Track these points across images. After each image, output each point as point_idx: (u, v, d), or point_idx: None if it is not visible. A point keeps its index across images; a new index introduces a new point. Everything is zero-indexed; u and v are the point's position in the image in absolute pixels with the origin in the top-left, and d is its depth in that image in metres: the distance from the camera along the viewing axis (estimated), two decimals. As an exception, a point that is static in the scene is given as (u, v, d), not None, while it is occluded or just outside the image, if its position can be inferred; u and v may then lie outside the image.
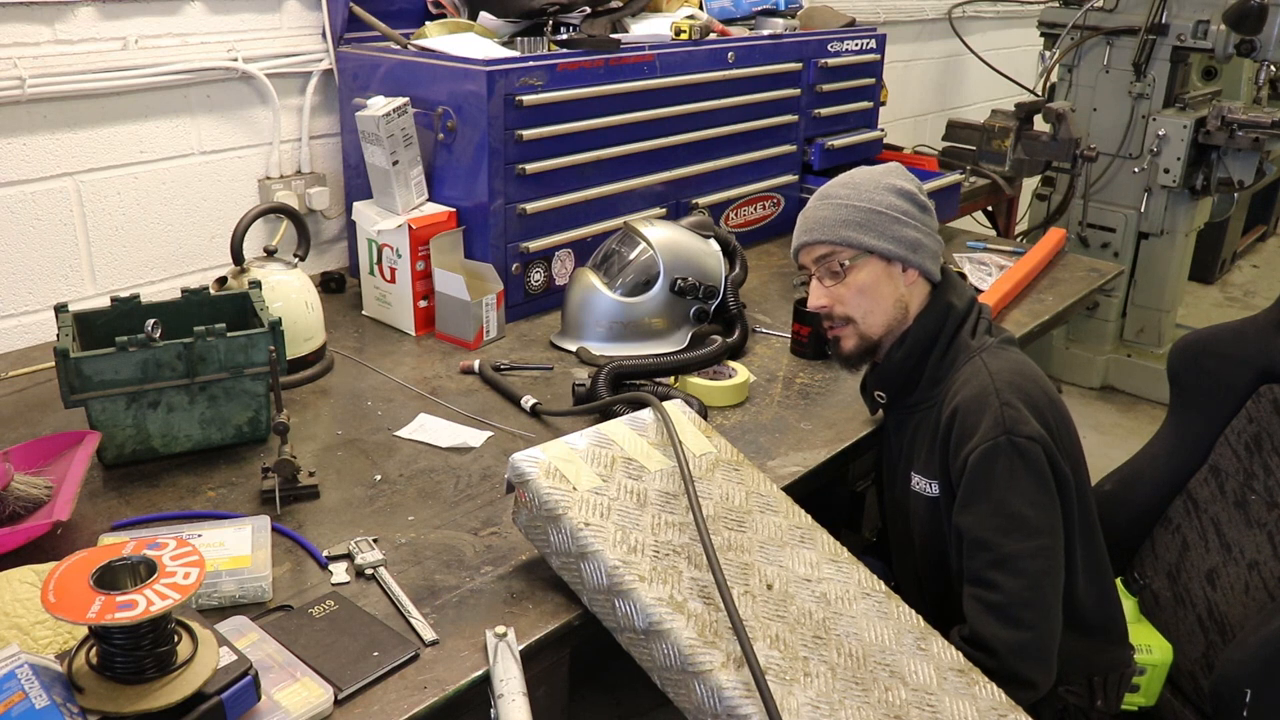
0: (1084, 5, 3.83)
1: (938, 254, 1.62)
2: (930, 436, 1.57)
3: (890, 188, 1.59)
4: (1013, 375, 1.51)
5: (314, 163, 2.34)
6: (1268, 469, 1.75)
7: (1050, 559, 1.46)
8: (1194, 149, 3.72)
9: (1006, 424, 1.45)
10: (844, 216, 1.58)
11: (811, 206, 1.63)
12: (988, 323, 1.63)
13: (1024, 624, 1.42)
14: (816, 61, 2.73)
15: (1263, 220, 6.14)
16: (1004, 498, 1.45)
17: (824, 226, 1.59)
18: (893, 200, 1.58)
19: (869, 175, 1.62)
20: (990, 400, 1.48)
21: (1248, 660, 1.62)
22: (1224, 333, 1.85)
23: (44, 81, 1.84)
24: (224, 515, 1.43)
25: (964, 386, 1.52)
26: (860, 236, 1.57)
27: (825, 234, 1.58)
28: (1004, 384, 1.49)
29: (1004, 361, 1.54)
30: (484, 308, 2.02)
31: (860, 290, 1.59)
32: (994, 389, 1.49)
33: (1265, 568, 1.73)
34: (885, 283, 1.59)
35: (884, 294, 1.59)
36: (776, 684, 1.14)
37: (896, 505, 1.70)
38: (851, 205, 1.58)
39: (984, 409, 1.47)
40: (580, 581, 1.26)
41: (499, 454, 1.64)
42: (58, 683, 0.98)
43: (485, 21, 2.35)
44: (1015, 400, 1.48)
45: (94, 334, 1.60)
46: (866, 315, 1.60)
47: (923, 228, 1.60)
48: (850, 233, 1.57)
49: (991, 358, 1.55)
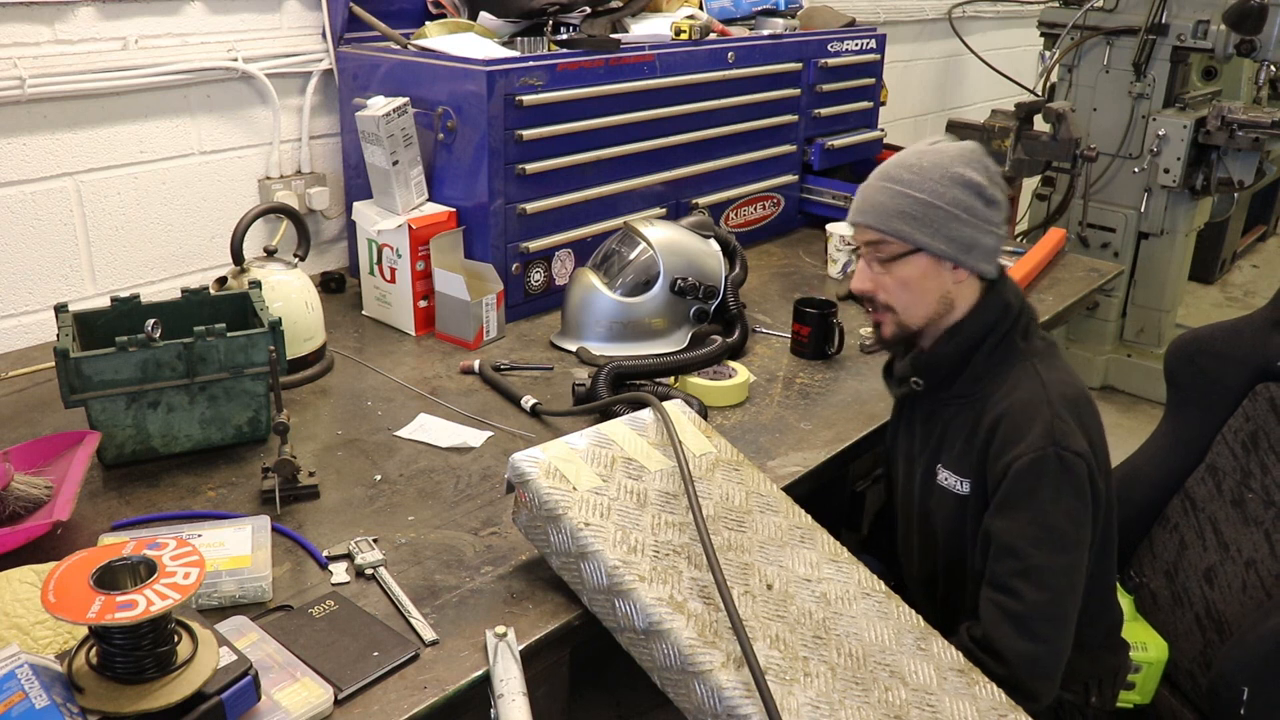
0: (1084, 5, 3.83)
1: (996, 251, 1.53)
2: (967, 434, 1.53)
3: (956, 179, 1.49)
4: (1065, 388, 1.48)
5: (314, 163, 2.34)
6: (1264, 467, 1.75)
7: (1075, 577, 1.44)
8: (1194, 149, 3.72)
9: (1056, 436, 1.42)
10: (900, 206, 1.49)
11: (871, 184, 1.54)
12: (1035, 326, 1.58)
13: (1040, 637, 1.41)
14: (816, 61, 2.73)
15: (1263, 220, 6.14)
16: (1044, 509, 1.42)
17: (878, 212, 1.51)
18: (955, 194, 1.48)
19: (938, 160, 1.51)
20: (1042, 410, 1.44)
21: (1245, 658, 1.62)
22: (1220, 331, 1.85)
23: (44, 81, 1.84)
24: (224, 515, 1.43)
25: (1015, 390, 1.49)
26: (912, 231, 1.49)
27: (877, 220, 1.51)
28: (1057, 395, 1.46)
29: (1058, 373, 1.50)
30: (484, 308, 2.02)
31: (904, 283, 1.53)
32: (1047, 400, 1.45)
33: (1262, 566, 1.73)
34: (932, 279, 1.52)
35: (928, 290, 1.52)
36: (776, 684, 1.15)
37: (912, 498, 1.66)
38: (910, 195, 1.49)
39: (1035, 418, 1.44)
40: (580, 581, 1.26)
41: (499, 454, 1.64)
42: (58, 683, 0.98)
43: (485, 21, 2.35)
44: (1066, 414, 1.44)
45: (94, 334, 1.60)
46: (907, 308, 1.54)
47: (984, 225, 1.50)
48: (903, 225, 1.49)
49: (1046, 367, 1.51)
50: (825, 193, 2.81)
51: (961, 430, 1.55)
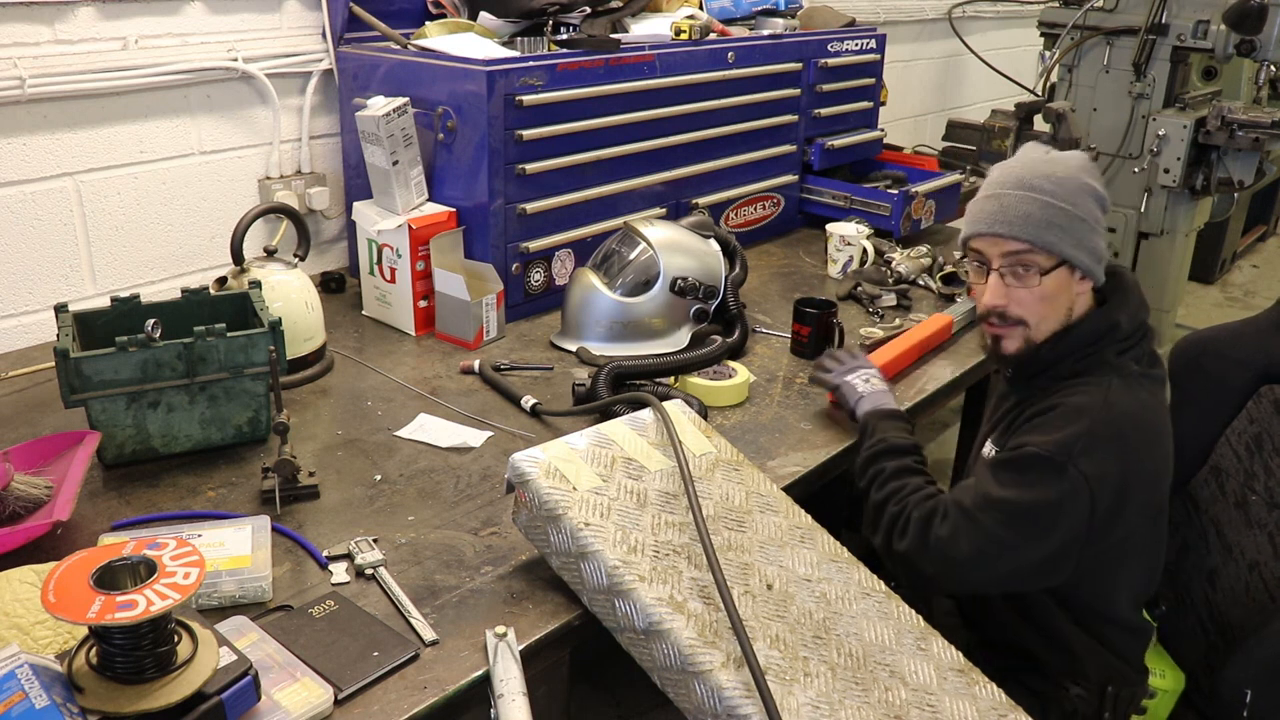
0: (1084, 5, 3.83)
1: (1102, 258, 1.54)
2: (1023, 422, 1.54)
3: (1090, 191, 1.50)
4: (1127, 411, 1.46)
5: (314, 163, 2.34)
6: (1269, 470, 1.75)
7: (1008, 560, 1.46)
8: (1194, 149, 3.71)
9: (1074, 450, 1.42)
10: (1049, 217, 1.47)
11: (1011, 195, 1.50)
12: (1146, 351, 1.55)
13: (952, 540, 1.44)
14: (816, 61, 2.73)
15: (1263, 220, 6.14)
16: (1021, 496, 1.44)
17: (1028, 224, 1.48)
18: (1091, 207, 1.50)
19: (1070, 171, 1.50)
20: (1083, 420, 1.44)
21: (1248, 661, 1.62)
22: (1224, 333, 1.85)
23: (44, 81, 1.84)
24: (224, 515, 1.43)
25: (1075, 394, 1.49)
26: (1061, 244, 1.48)
27: (1029, 233, 1.48)
28: (1112, 415, 1.45)
29: (1131, 396, 1.49)
30: (484, 308, 2.02)
31: (1044, 297, 1.51)
32: (1097, 414, 1.44)
33: (1266, 568, 1.73)
34: (1066, 291, 1.52)
35: (1061, 302, 1.52)
36: (776, 684, 1.14)
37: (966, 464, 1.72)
38: (1057, 206, 1.47)
39: (1071, 423, 1.44)
40: (580, 581, 1.26)
41: (499, 454, 1.64)
42: (58, 683, 0.98)
43: (485, 21, 2.35)
44: (1105, 436, 1.43)
45: (94, 334, 1.60)
46: (1041, 321, 1.52)
47: (1104, 234, 1.52)
48: (1053, 237, 1.47)
49: (1123, 387, 1.49)
50: (825, 193, 2.81)
51: (1020, 415, 1.57)
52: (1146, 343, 1.56)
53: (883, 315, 2.27)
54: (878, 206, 2.69)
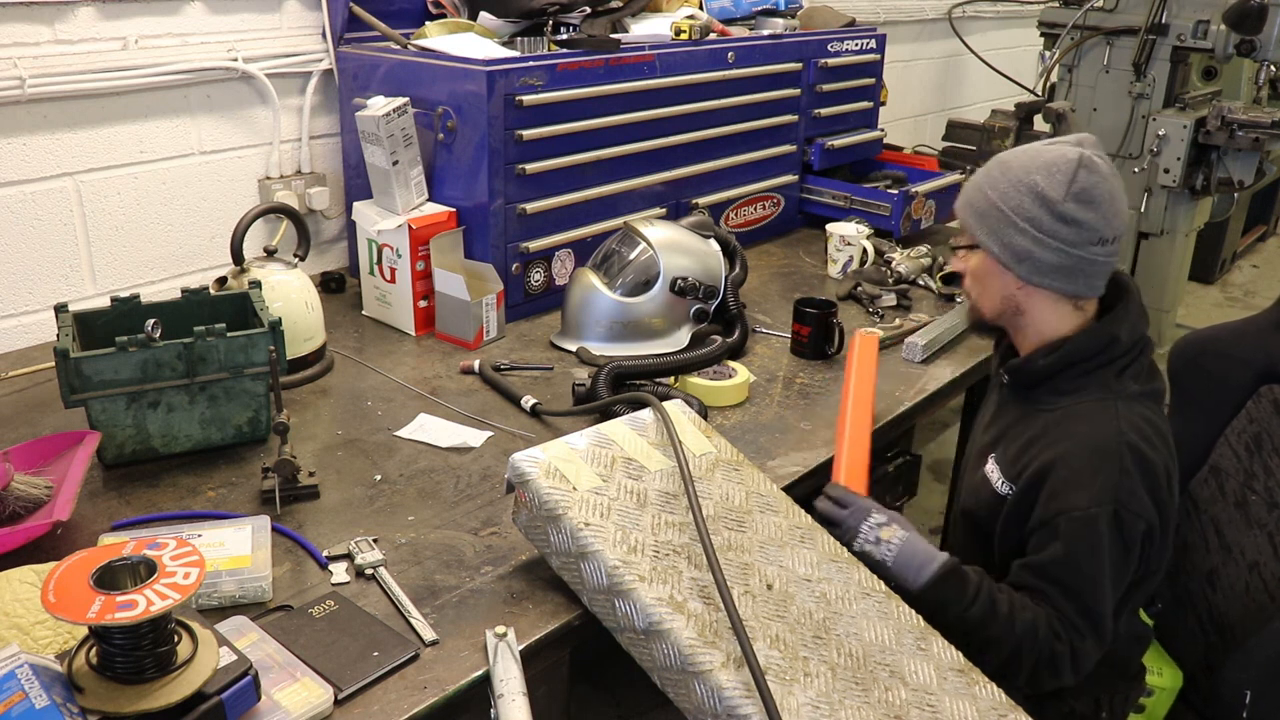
0: (1084, 5, 3.83)
1: (1068, 271, 1.48)
2: (1026, 441, 1.52)
3: (1029, 188, 1.47)
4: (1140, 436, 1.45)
5: (314, 163, 2.34)
6: (1268, 469, 1.75)
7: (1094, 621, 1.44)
8: (1194, 149, 3.71)
9: (1121, 495, 1.40)
10: (973, 199, 1.55)
11: (976, 174, 1.60)
12: (1144, 366, 1.55)
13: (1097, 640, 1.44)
14: (816, 61, 2.73)
15: (1263, 220, 6.14)
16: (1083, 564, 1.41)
17: (962, 200, 1.59)
18: (1022, 202, 1.47)
19: (1025, 163, 1.49)
20: (1110, 460, 1.42)
21: (1248, 661, 1.62)
22: (1224, 333, 1.85)
23: (44, 81, 1.84)
24: (224, 515, 1.43)
25: (1083, 424, 1.47)
26: (977, 229, 1.54)
27: (959, 209, 1.59)
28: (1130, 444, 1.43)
29: (1137, 418, 1.47)
30: (484, 308, 2.02)
31: (973, 274, 1.60)
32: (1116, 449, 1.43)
33: (1265, 568, 1.73)
34: (994, 278, 1.55)
35: (992, 287, 1.57)
36: (776, 684, 1.14)
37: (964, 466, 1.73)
38: (984, 190, 1.53)
39: (1100, 469, 1.42)
40: (580, 581, 1.26)
41: (499, 454, 1.64)
42: (58, 683, 0.98)
43: (485, 21, 2.35)
44: (1135, 469, 1.42)
45: (94, 334, 1.60)
46: (978, 298, 1.61)
47: (1046, 240, 1.47)
48: (969, 218, 1.56)
49: (1126, 409, 1.48)
50: (825, 193, 2.81)
51: (1023, 433, 1.54)
52: (1145, 356, 1.55)
53: (883, 315, 2.27)
54: (878, 206, 2.69)
